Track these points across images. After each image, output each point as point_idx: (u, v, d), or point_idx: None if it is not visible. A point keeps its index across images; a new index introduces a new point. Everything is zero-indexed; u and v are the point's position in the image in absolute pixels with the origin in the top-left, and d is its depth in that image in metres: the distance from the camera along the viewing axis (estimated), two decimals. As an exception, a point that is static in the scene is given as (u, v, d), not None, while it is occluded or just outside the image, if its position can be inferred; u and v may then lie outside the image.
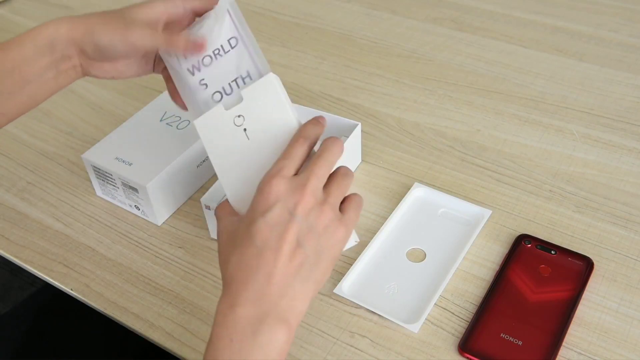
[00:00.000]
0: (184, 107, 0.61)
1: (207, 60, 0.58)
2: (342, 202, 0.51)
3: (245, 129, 0.55)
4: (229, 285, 0.47)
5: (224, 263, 0.49)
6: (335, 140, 0.51)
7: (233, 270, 0.47)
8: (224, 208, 0.54)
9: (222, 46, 0.58)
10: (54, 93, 0.63)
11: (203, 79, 0.58)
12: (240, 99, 0.55)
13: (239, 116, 0.55)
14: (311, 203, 0.48)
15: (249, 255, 0.47)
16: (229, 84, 0.57)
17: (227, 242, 0.50)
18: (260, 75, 0.56)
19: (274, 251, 0.46)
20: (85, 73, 0.63)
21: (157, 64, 0.65)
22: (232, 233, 0.50)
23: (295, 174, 0.50)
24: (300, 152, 0.50)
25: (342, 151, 0.52)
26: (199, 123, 0.56)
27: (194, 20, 0.63)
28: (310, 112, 0.77)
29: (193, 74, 0.59)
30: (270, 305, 0.46)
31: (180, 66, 0.59)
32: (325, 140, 0.52)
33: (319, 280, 0.48)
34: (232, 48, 0.58)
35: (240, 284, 0.46)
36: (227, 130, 0.55)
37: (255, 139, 0.54)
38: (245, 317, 0.45)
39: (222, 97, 0.57)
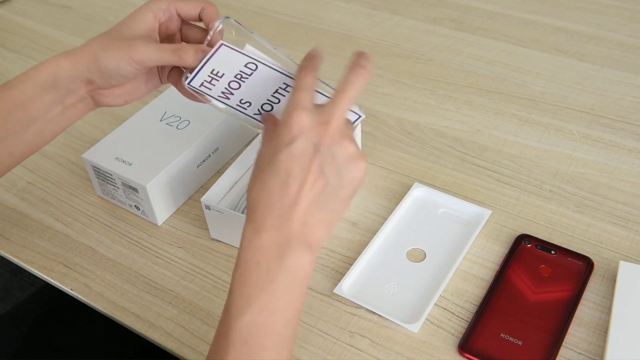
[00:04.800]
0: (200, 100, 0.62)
1: (234, 84, 0.59)
2: None
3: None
4: (254, 211, 0.49)
5: (249, 187, 0.51)
6: (360, 72, 0.52)
7: (256, 196, 0.49)
8: (265, 131, 0.54)
9: (241, 71, 0.59)
10: (64, 129, 0.63)
11: (242, 99, 0.59)
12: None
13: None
14: (336, 137, 0.49)
15: (273, 184, 0.48)
16: (273, 95, 0.58)
17: (255, 167, 0.51)
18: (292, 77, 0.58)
19: (297, 180, 0.48)
20: (97, 104, 0.63)
21: (162, 73, 0.65)
22: (259, 159, 0.51)
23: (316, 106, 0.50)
24: (309, 81, 0.51)
25: (366, 83, 0.52)
26: None
27: (180, 23, 0.64)
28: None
29: (228, 98, 0.59)
30: (293, 231, 0.48)
31: (210, 97, 0.60)
32: (349, 74, 0.52)
33: (338, 210, 0.51)
34: (254, 71, 0.59)
35: (263, 210, 0.49)
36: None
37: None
38: (270, 242, 0.48)
39: (272, 107, 0.58)
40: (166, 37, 0.64)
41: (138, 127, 0.76)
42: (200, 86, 0.59)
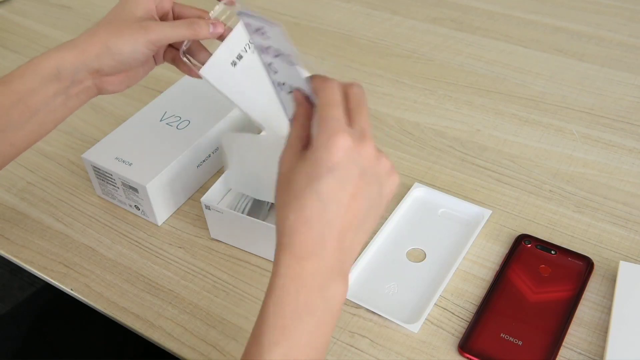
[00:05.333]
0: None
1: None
2: None
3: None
4: (291, 237, 0.45)
5: (284, 212, 0.46)
6: (354, 84, 0.48)
7: (295, 222, 0.45)
8: (284, 152, 0.49)
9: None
10: (66, 117, 0.62)
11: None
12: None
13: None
14: (374, 154, 0.46)
15: (314, 210, 0.44)
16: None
17: (285, 191, 0.47)
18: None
19: (342, 207, 0.45)
20: (100, 92, 0.63)
21: (157, 55, 0.65)
22: (290, 181, 0.46)
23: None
24: (336, 92, 0.47)
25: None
26: (205, 73, 0.61)
27: (172, 2, 0.64)
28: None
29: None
30: (335, 261, 0.45)
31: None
32: (350, 90, 0.48)
33: (372, 228, 0.48)
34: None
35: (304, 237, 0.45)
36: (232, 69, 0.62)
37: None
38: (312, 271, 0.45)
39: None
40: (160, 17, 0.63)
41: (138, 127, 0.76)
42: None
